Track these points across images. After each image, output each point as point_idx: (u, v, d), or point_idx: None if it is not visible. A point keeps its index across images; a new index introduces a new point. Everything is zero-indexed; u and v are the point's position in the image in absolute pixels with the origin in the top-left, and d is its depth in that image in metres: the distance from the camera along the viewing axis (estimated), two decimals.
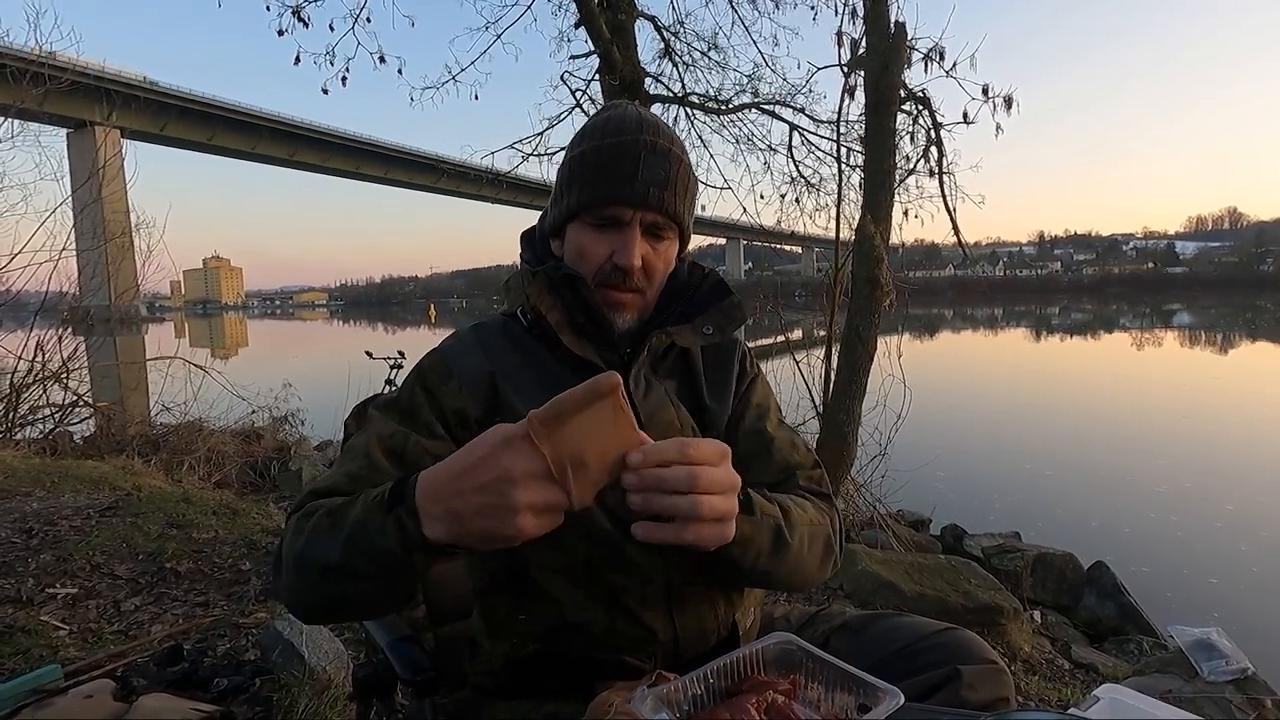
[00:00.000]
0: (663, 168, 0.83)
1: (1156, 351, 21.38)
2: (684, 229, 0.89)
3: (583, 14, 4.73)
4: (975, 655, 0.83)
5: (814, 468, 0.93)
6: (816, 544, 0.83)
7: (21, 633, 2.13)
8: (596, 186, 0.83)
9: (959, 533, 4.49)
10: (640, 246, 0.83)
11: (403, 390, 0.86)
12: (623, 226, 0.83)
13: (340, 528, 0.68)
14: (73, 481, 4.08)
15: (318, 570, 0.70)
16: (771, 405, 0.97)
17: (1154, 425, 9.14)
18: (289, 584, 0.73)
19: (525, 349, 0.87)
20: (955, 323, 38.61)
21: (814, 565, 0.84)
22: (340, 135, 61.06)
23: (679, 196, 0.85)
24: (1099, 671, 2.75)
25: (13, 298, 7.17)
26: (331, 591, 0.70)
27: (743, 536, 0.69)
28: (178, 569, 2.72)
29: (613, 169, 0.82)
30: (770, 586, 0.86)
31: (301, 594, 0.73)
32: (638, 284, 0.85)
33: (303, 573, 0.71)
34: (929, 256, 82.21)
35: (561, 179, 0.88)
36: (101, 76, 32.65)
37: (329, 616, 0.80)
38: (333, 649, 1.97)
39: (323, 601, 0.73)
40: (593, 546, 0.80)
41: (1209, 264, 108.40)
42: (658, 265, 0.86)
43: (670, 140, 0.86)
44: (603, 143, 0.84)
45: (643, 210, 0.83)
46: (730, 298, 0.93)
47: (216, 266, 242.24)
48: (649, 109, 0.95)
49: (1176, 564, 4.56)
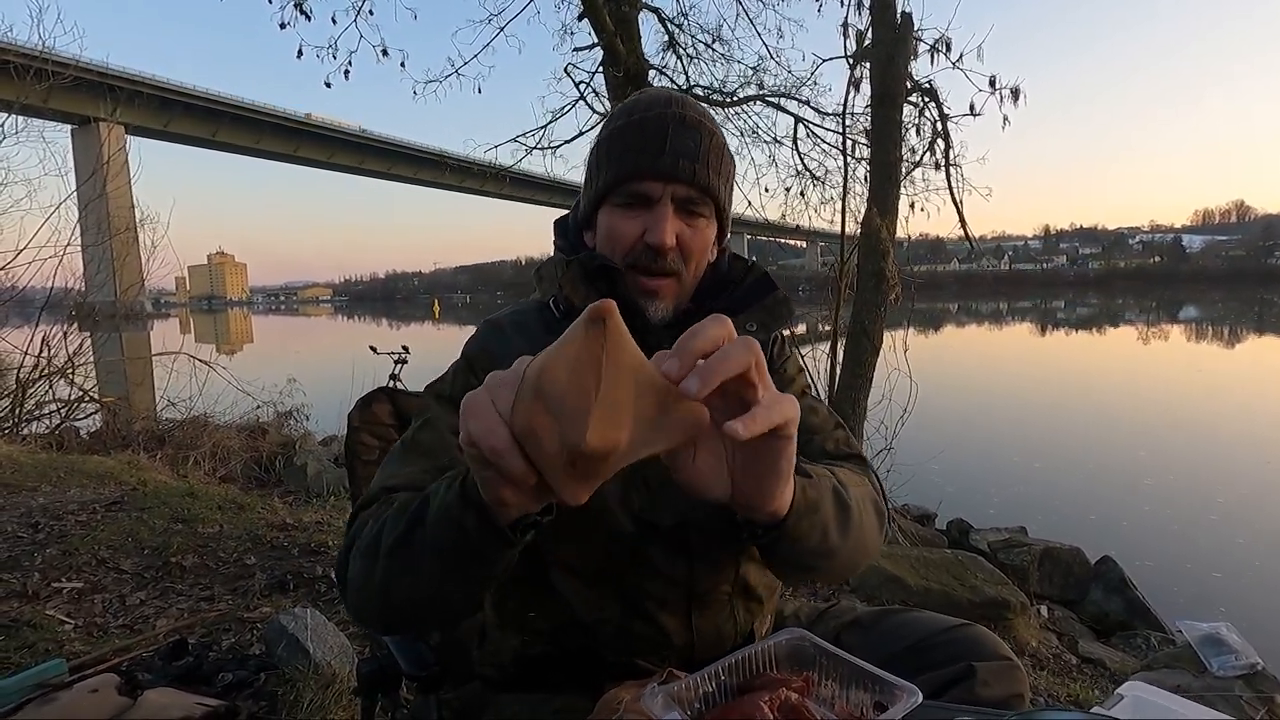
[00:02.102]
0: (692, 139, 0.78)
1: (1163, 346, 21.30)
2: (721, 208, 0.83)
3: (586, 6, 4.70)
4: (990, 652, 0.81)
5: (836, 429, 0.87)
6: (868, 508, 0.76)
7: (27, 627, 2.13)
8: (623, 163, 0.79)
9: (965, 527, 4.48)
10: (673, 223, 0.78)
11: (456, 382, 0.83)
12: (653, 204, 0.78)
13: (412, 503, 0.64)
14: (79, 476, 4.08)
15: (385, 550, 0.64)
16: (796, 380, 0.93)
17: (1159, 420, 9.10)
18: (353, 574, 0.68)
19: None
20: (960, 317, 38.52)
21: (874, 533, 0.76)
22: (343, 131, 61.08)
23: (712, 169, 0.79)
24: (1106, 667, 2.73)
25: (18, 293, 7.19)
26: (393, 573, 0.64)
27: (808, 502, 0.62)
28: (183, 563, 2.72)
29: (639, 143, 0.78)
30: (832, 569, 0.73)
31: (365, 582, 0.67)
32: (673, 266, 0.79)
33: (370, 556, 0.66)
34: (934, 251, 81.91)
35: (591, 165, 0.84)
36: (105, 72, 32.63)
37: (390, 612, 0.69)
38: (337, 643, 1.97)
39: (383, 589, 0.66)
40: (615, 548, 0.78)
41: (1216, 257, 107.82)
42: (694, 245, 0.80)
43: (701, 114, 0.82)
44: (629, 120, 0.80)
45: (673, 184, 0.78)
46: (776, 293, 0.87)
47: (221, 263, 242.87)
48: None
49: (1180, 558, 4.54)
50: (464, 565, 0.60)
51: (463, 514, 0.57)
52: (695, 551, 0.80)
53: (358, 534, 0.69)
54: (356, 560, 0.68)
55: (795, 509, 0.59)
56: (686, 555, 0.80)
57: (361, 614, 0.69)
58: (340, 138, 61.32)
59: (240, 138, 55.76)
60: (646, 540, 0.78)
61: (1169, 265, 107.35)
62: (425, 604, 0.66)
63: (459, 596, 0.65)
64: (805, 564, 0.68)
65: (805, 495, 0.61)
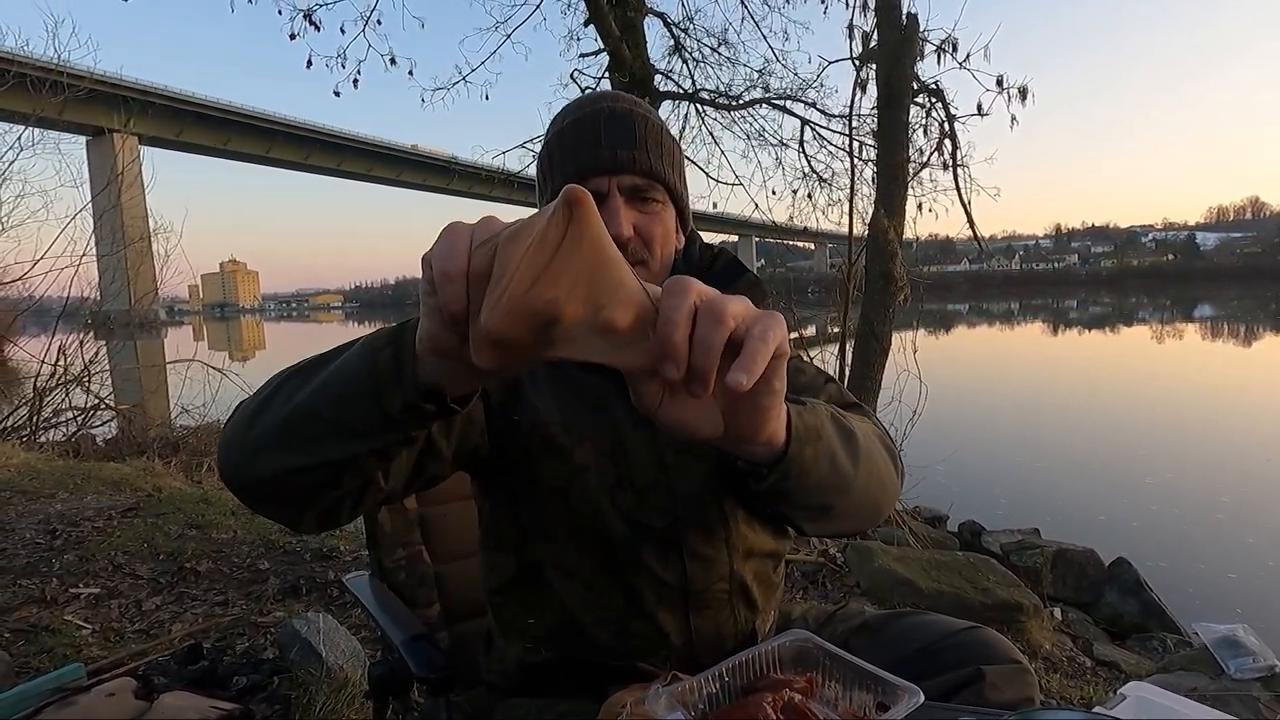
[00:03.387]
0: (625, 128, 0.79)
1: (1176, 345, 21.06)
2: (673, 191, 0.83)
3: (592, 12, 4.73)
4: (999, 655, 0.81)
5: (827, 383, 0.86)
6: (875, 441, 0.72)
7: (46, 632, 2.16)
8: (564, 166, 0.80)
9: (977, 529, 4.44)
10: (627, 214, 0.78)
11: None
12: (604, 199, 0.78)
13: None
14: (95, 483, 4.14)
15: (274, 383, 0.61)
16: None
17: (1167, 419, 9.01)
18: (233, 429, 0.62)
19: None
20: (971, 317, 38.24)
21: (887, 468, 0.72)
22: (353, 138, 61.54)
23: (652, 154, 0.80)
24: (1122, 670, 2.71)
25: (35, 303, 7.31)
26: (273, 402, 0.59)
27: (807, 428, 0.57)
28: (197, 568, 2.75)
29: (575, 144, 0.79)
30: (851, 506, 0.67)
31: (239, 418, 0.62)
32: (636, 255, 0.79)
33: (258, 394, 0.62)
34: (943, 251, 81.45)
35: (538, 179, 0.86)
36: (119, 84, 33.20)
37: (247, 451, 0.61)
38: (350, 647, 1.98)
39: (252, 419, 0.60)
40: (607, 548, 0.79)
41: (1231, 255, 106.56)
42: (654, 231, 0.80)
43: (632, 103, 0.83)
44: (563, 125, 0.82)
45: (616, 175, 0.78)
46: (747, 275, 0.88)
47: (233, 270, 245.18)
48: (658, 105, 0.92)
49: (1193, 559, 4.49)
50: (350, 405, 0.55)
51: (383, 347, 0.53)
52: (688, 551, 0.80)
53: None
54: (251, 399, 0.64)
55: (795, 435, 0.55)
56: (679, 554, 0.80)
57: (223, 452, 0.63)
58: (350, 145, 61.78)
59: (252, 146, 56.28)
60: (639, 541, 0.79)
61: (1183, 263, 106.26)
62: (283, 440, 0.59)
63: (320, 448, 0.57)
64: (820, 502, 0.63)
65: (803, 420, 0.57)
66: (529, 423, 0.79)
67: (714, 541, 0.81)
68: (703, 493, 0.80)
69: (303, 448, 0.58)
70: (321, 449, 0.57)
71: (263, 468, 0.60)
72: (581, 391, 0.58)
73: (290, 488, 0.61)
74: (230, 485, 0.64)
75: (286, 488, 0.61)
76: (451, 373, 0.49)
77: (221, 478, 0.64)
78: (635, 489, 0.79)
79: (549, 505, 0.79)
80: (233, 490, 0.64)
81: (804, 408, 0.59)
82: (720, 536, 0.82)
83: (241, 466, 0.62)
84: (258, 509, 0.66)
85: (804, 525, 0.70)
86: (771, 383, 0.47)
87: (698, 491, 0.80)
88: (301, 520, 0.65)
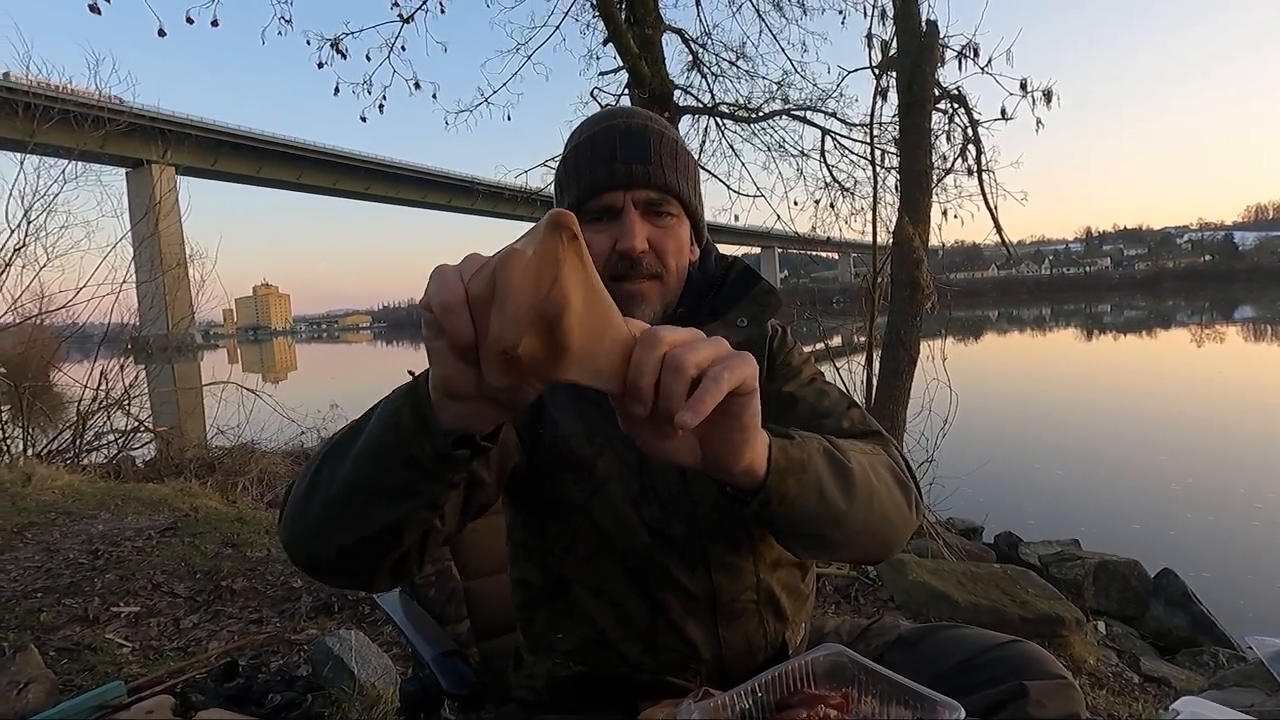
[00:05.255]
0: (640, 142, 0.80)
1: (1217, 348, 20.39)
2: (688, 205, 0.83)
3: (611, 31, 4.79)
4: (1042, 670, 0.78)
5: (850, 408, 0.84)
6: (881, 474, 0.71)
7: (88, 650, 2.21)
8: (581, 181, 0.80)
9: (1014, 540, 4.33)
10: (641, 228, 0.78)
11: None
12: (619, 213, 0.79)
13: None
14: (135, 504, 4.24)
15: (320, 456, 0.62)
16: (803, 370, 0.88)
17: (1206, 425, 8.71)
18: (291, 512, 0.64)
19: None
20: (1001, 324, 37.56)
21: (892, 501, 0.71)
22: (379, 162, 62.95)
23: (667, 168, 0.80)
24: (1171, 685, 2.60)
25: (78, 330, 7.56)
26: (320, 479, 0.61)
27: (790, 460, 0.59)
28: (233, 587, 2.79)
29: (591, 159, 0.80)
30: (847, 539, 0.68)
31: (294, 496, 0.64)
32: (650, 268, 0.79)
33: (308, 468, 0.63)
34: (970, 257, 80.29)
35: (556, 194, 0.87)
36: (156, 117, 34.45)
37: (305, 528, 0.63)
38: (381, 664, 1.99)
39: (304, 500, 0.62)
40: (633, 561, 0.79)
41: (1272, 254, 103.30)
42: (668, 244, 0.81)
43: (647, 118, 0.83)
44: (579, 140, 0.83)
45: (631, 190, 0.79)
46: (760, 284, 0.87)
47: (266, 294, 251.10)
48: (678, 120, 0.92)
49: (1239, 569, 4.32)
50: (388, 469, 0.56)
51: (402, 406, 0.54)
52: (714, 561, 0.80)
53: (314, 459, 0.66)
54: (300, 478, 0.64)
55: (775, 467, 0.57)
56: (705, 565, 0.79)
57: (285, 535, 0.65)
58: (376, 169, 63.20)
59: (283, 173, 57.93)
60: (664, 552, 0.79)
61: (1221, 263, 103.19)
62: (337, 518, 0.60)
63: (373, 517, 0.59)
64: (811, 531, 0.64)
65: (786, 454, 0.59)
66: (552, 437, 0.80)
67: (739, 551, 0.81)
68: (725, 502, 0.79)
69: (357, 521, 0.59)
70: (374, 517, 0.59)
71: (326, 548, 0.62)
72: (602, 404, 0.58)
73: (357, 559, 0.62)
74: (302, 568, 0.66)
75: (354, 560, 0.62)
76: (473, 413, 0.50)
77: (293, 563, 0.66)
78: (659, 499, 0.79)
79: (574, 519, 0.79)
80: (306, 572, 0.67)
81: (790, 441, 0.60)
82: (745, 546, 0.81)
83: (309, 553, 0.64)
84: (332, 583, 0.69)
85: (799, 552, 0.72)
86: (740, 418, 0.50)
87: (720, 501, 0.79)
88: (375, 582, 0.66)
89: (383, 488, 0.57)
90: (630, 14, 4.93)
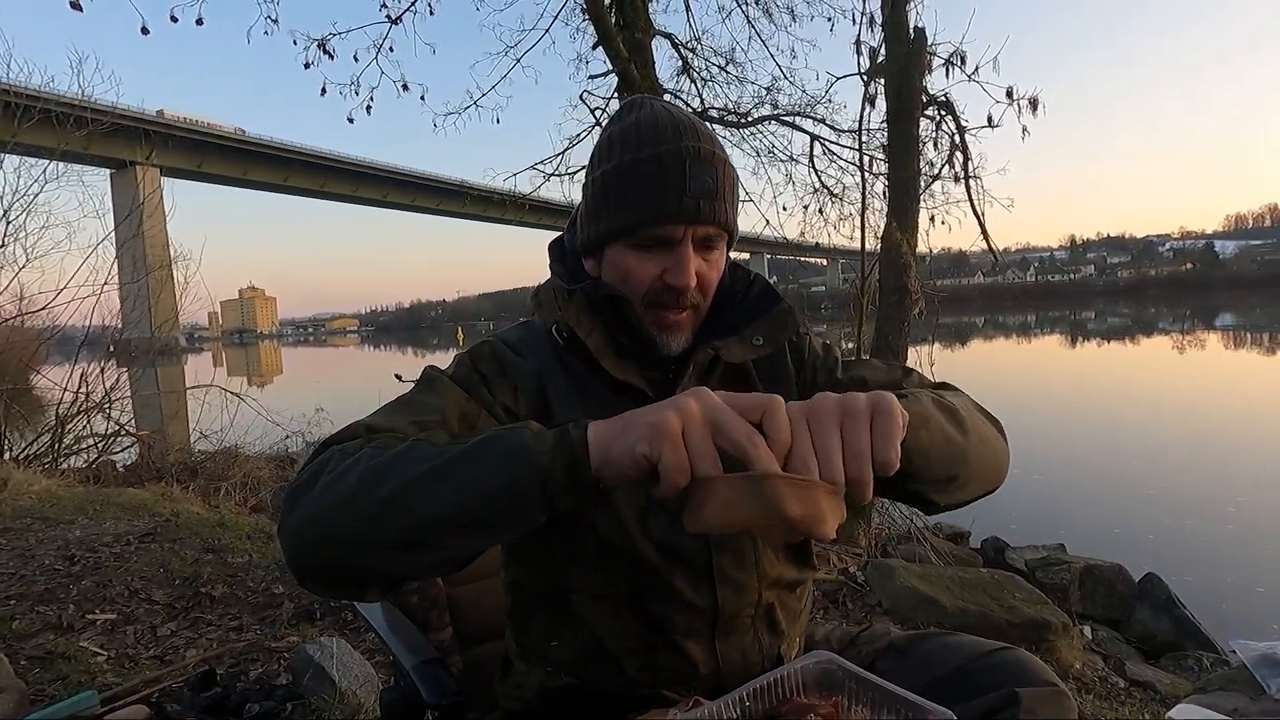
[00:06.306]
0: (710, 175, 0.75)
1: (1198, 355, 20.67)
2: (733, 233, 0.81)
3: (601, 34, 4.79)
4: (1034, 677, 0.77)
5: (908, 374, 0.88)
6: (974, 410, 0.76)
7: (61, 659, 2.16)
8: (642, 206, 0.75)
9: (1000, 545, 4.35)
10: (694, 263, 0.76)
11: (459, 370, 0.80)
12: (673, 245, 0.76)
13: (459, 444, 0.58)
14: (114, 509, 4.16)
15: (404, 482, 0.57)
16: (838, 359, 0.91)
17: (1186, 430, 8.86)
18: (321, 499, 0.59)
19: (566, 362, 0.82)
20: (987, 330, 37.92)
21: (993, 433, 0.77)
22: (367, 165, 62.71)
23: (729, 204, 0.77)
24: (1157, 690, 2.61)
25: (59, 332, 7.44)
26: (409, 510, 0.56)
27: (915, 415, 0.62)
28: (212, 593, 2.74)
29: (657, 185, 0.74)
30: (973, 474, 0.73)
31: (351, 516, 0.57)
32: (693, 299, 0.78)
33: (373, 488, 0.57)
34: (957, 264, 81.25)
35: (595, 196, 0.80)
36: (141, 118, 34.17)
37: (365, 554, 0.59)
38: (363, 673, 1.96)
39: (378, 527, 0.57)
40: (638, 574, 0.77)
41: (1252, 263, 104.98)
42: (711, 277, 0.80)
43: (711, 141, 0.78)
44: (640, 155, 0.75)
45: (694, 225, 0.75)
46: (780, 304, 0.86)
47: (251, 297, 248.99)
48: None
49: (1219, 573, 4.38)
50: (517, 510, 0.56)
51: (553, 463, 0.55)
52: (719, 576, 0.78)
53: (335, 459, 0.62)
54: (339, 481, 0.59)
55: (910, 424, 0.60)
56: (710, 580, 0.78)
57: (313, 537, 0.60)
58: (364, 172, 62.95)
59: (269, 175, 57.54)
60: (670, 567, 0.77)
61: (1203, 272, 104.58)
62: (413, 537, 0.57)
63: (471, 544, 0.59)
64: (945, 475, 0.70)
65: (910, 409, 0.61)
66: None
67: (744, 567, 0.80)
68: None
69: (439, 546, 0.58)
70: (471, 544, 0.59)
71: (367, 561, 0.59)
72: (611, 415, 0.57)
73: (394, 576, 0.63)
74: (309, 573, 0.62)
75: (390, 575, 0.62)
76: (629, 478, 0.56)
77: (298, 564, 0.62)
78: (667, 513, 0.77)
79: (578, 530, 0.77)
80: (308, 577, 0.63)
81: (908, 398, 0.65)
82: (750, 561, 0.80)
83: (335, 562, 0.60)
84: (333, 593, 0.68)
85: (937, 498, 0.73)
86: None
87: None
88: (369, 595, 0.66)
89: (500, 522, 0.58)
90: (620, 18, 4.94)
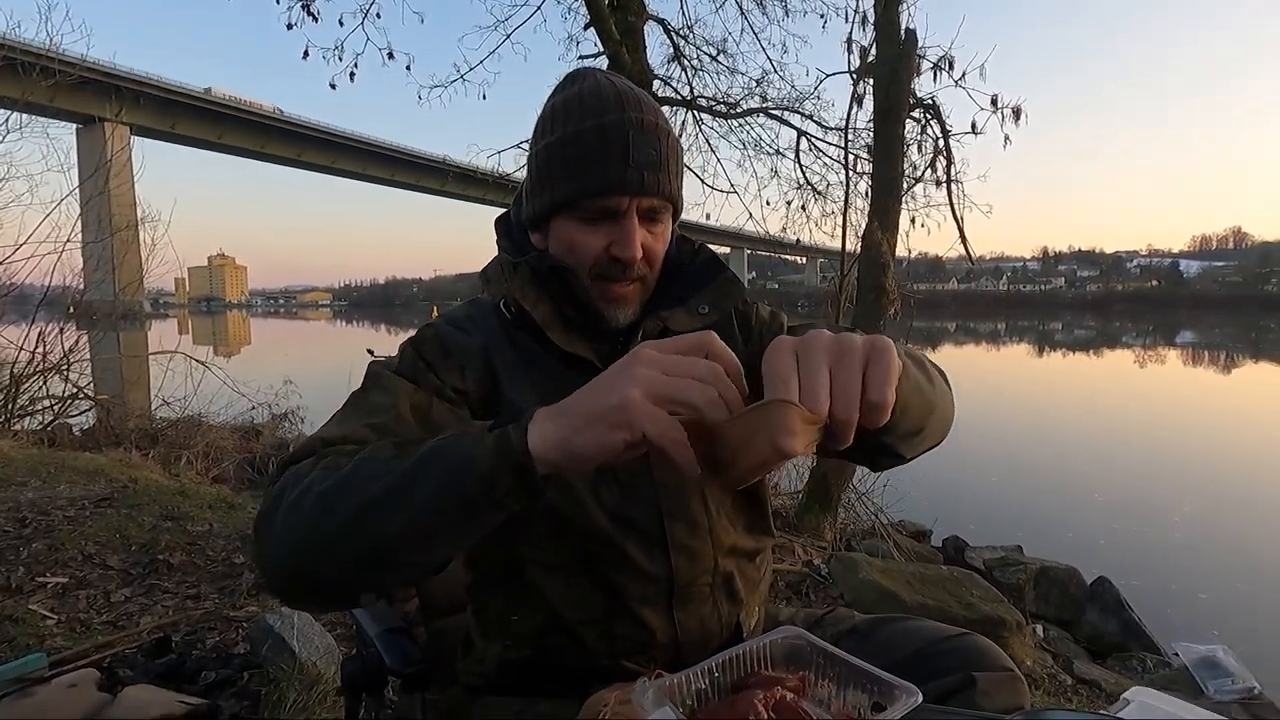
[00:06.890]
0: (654, 147, 0.75)
1: (1159, 369, 21.34)
2: (678, 205, 0.81)
3: (593, 15, 4.73)
4: (990, 662, 0.80)
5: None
6: (927, 363, 0.77)
7: (9, 621, 2.10)
8: (585, 177, 0.74)
9: (960, 544, 4.46)
10: (639, 235, 0.76)
11: (404, 361, 0.79)
12: (618, 217, 0.76)
13: (405, 457, 0.57)
14: (69, 472, 4.05)
15: (358, 505, 0.56)
16: (784, 324, 0.91)
17: (1153, 441, 9.17)
18: (289, 524, 0.58)
19: (514, 337, 0.82)
20: (958, 336, 38.57)
21: (943, 380, 0.78)
22: (347, 136, 61.32)
23: (672, 174, 0.77)
24: (1102, 688, 2.70)
25: (16, 289, 7.16)
26: (368, 532, 0.56)
27: None
28: (170, 561, 2.68)
29: (600, 155, 0.74)
30: (935, 423, 0.74)
31: (308, 531, 0.57)
32: (639, 272, 0.79)
33: (330, 512, 0.57)
34: (933, 270, 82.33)
35: (539, 168, 0.79)
36: (112, 73, 32.86)
37: (340, 577, 0.59)
38: (324, 643, 1.94)
39: (344, 551, 0.57)
40: (591, 544, 0.77)
41: (1214, 283, 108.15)
42: (657, 249, 0.80)
43: (654, 113, 0.78)
44: (583, 125, 0.75)
45: (638, 197, 0.75)
46: (725, 273, 0.87)
47: (222, 264, 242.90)
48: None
49: (1165, 578, 4.56)
50: (471, 516, 0.56)
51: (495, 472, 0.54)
52: (673, 544, 0.79)
53: (291, 483, 0.61)
54: (296, 509, 0.59)
55: None
56: (664, 548, 0.79)
57: (287, 566, 0.59)
58: (343, 144, 61.55)
59: (246, 141, 55.91)
60: (623, 536, 0.77)
61: (1167, 289, 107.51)
62: (380, 556, 0.58)
63: (426, 553, 0.59)
64: (918, 426, 0.71)
65: None
66: (509, 420, 0.77)
67: (698, 534, 0.80)
68: (686, 484, 0.79)
69: (411, 561, 0.59)
70: (439, 552, 0.59)
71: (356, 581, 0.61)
72: (560, 388, 0.56)
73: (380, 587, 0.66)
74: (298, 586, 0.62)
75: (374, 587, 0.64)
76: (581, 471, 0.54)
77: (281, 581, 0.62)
78: (619, 483, 0.78)
79: None
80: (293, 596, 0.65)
81: None
82: (704, 529, 0.81)
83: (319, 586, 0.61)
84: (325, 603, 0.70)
85: (903, 450, 0.74)
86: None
87: (681, 483, 0.79)
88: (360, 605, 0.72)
89: (459, 530, 0.58)
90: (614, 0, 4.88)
